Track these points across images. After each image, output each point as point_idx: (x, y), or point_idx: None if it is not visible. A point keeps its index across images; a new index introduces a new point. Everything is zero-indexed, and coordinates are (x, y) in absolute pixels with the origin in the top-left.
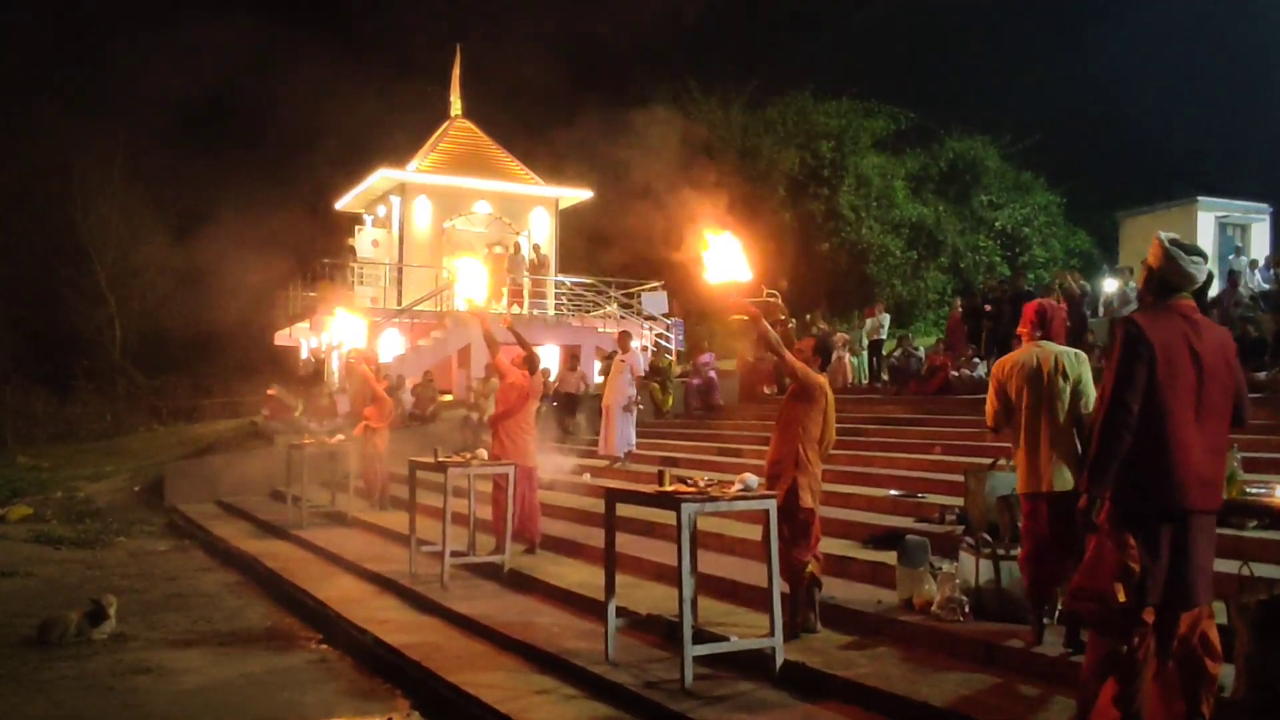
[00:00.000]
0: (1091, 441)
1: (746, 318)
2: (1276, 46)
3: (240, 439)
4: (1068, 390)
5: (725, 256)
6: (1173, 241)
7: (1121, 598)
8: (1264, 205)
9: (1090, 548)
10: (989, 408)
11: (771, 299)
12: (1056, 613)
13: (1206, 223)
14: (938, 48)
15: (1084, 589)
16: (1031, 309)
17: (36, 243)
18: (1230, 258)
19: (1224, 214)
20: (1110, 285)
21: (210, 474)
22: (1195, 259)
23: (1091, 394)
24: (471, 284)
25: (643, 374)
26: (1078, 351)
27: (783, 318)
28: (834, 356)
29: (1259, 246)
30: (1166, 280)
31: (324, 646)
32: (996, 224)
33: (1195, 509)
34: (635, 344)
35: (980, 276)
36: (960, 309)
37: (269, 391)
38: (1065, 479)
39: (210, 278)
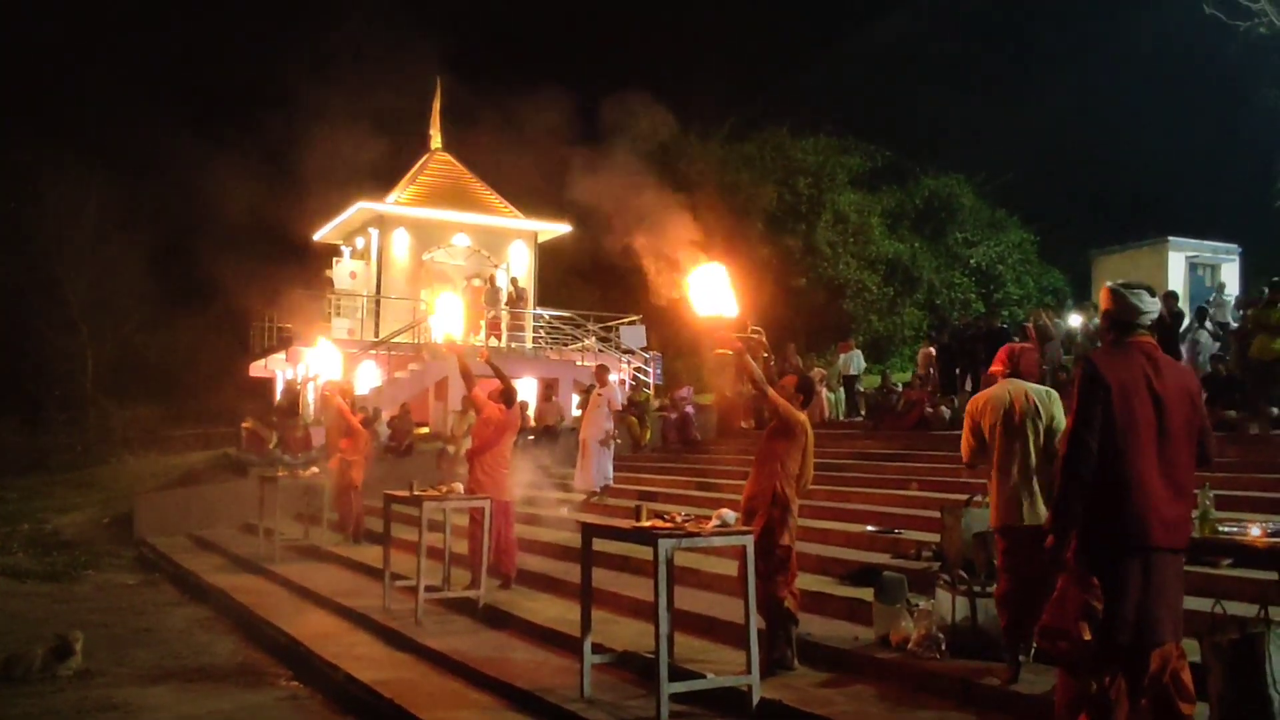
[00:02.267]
0: (1055, 480)
1: (731, 353)
2: (1248, 89)
3: (213, 471)
4: (1041, 427)
5: (712, 291)
6: (1119, 284)
7: (1087, 636)
8: (1234, 246)
9: (1059, 586)
10: (964, 444)
11: (755, 335)
12: (1032, 650)
13: (1177, 263)
14: (913, 87)
15: (1050, 627)
16: (1004, 350)
17: (8, 272)
18: (1213, 296)
19: (1194, 254)
20: (1075, 320)
21: (182, 506)
22: (1138, 292)
23: (1062, 430)
24: (448, 319)
25: (620, 408)
26: (1049, 389)
27: (765, 355)
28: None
29: (1229, 288)
30: (1119, 319)
31: (295, 683)
32: (971, 261)
33: (1158, 547)
34: (613, 378)
35: (955, 313)
36: (933, 348)
37: (244, 424)
38: (1038, 513)
39: (184, 308)
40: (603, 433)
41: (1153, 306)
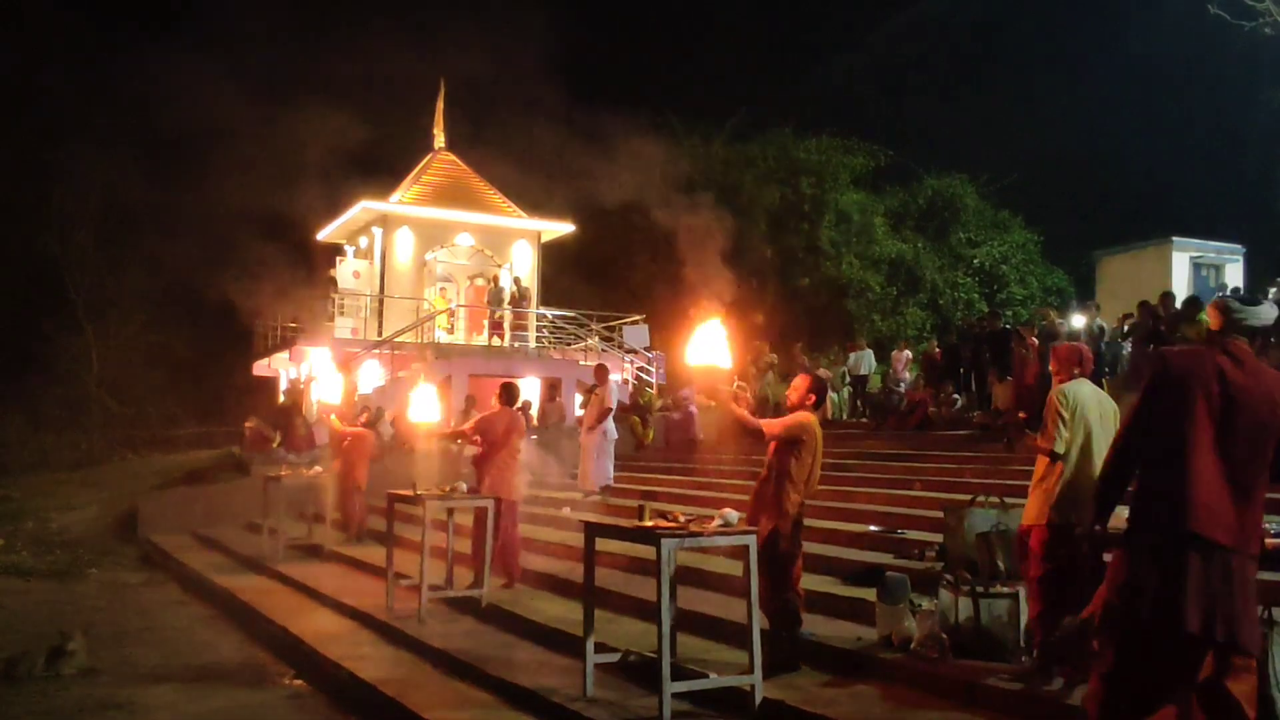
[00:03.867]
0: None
1: (718, 403)
2: (1252, 89)
3: (216, 470)
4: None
5: (711, 343)
6: (1223, 295)
7: (1120, 626)
8: (1237, 246)
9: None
10: (1055, 433)
11: (740, 390)
12: (1035, 649)
13: (1181, 263)
14: (916, 87)
15: (1088, 617)
16: (1073, 350)
17: (12, 270)
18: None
19: (1198, 254)
20: (1078, 320)
21: (185, 505)
22: (1231, 300)
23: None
24: (424, 408)
25: (611, 406)
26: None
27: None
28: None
29: (1232, 289)
30: (1220, 327)
31: (298, 682)
32: (974, 261)
33: (1201, 536)
34: (615, 377)
35: (959, 313)
36: (938, 349)
37: (247, 423)
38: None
39: (188, 307)
40: (600, 433)
41: (1247, 314)
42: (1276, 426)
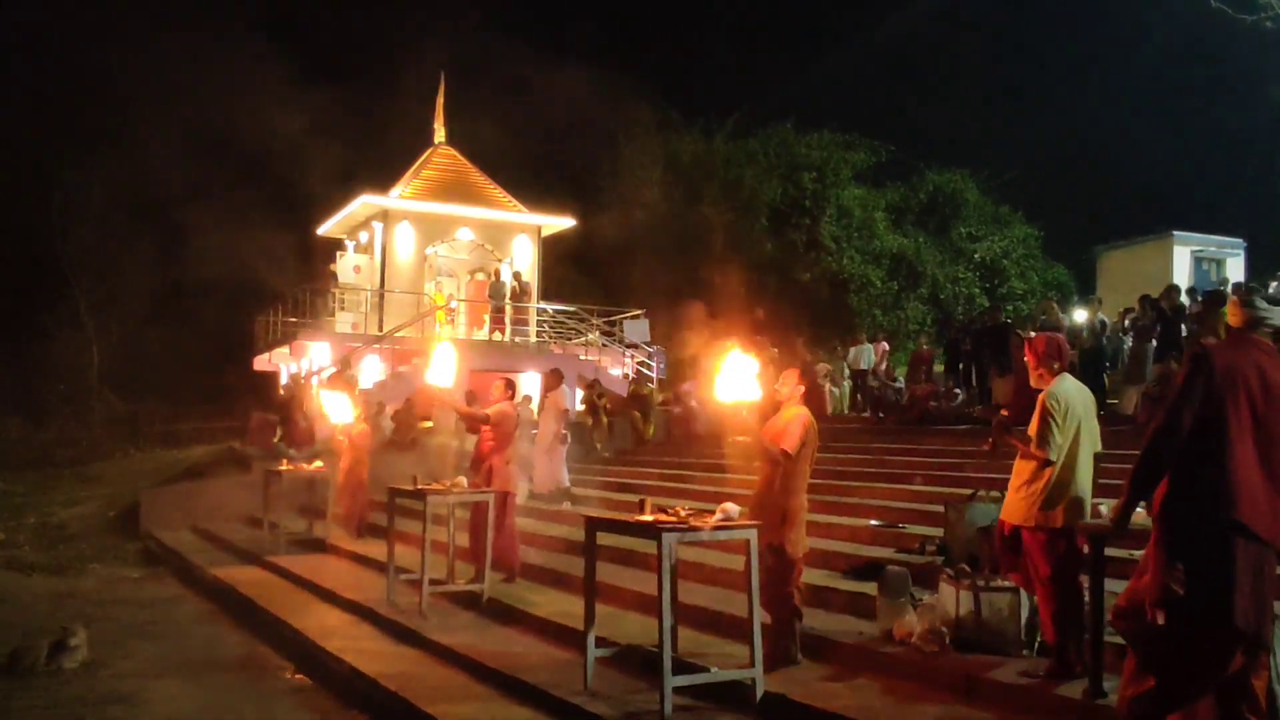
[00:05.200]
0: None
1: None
2: (1253, 83)
3: (217, 465)
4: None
5: (739, 376)
6: (1246, 289)
7: (1160, 621)
8: (1238, 240)
9: (1140, 568)
10: (1048, 437)
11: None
12: (1036, 643)
13: (1182, 257)
14: (917, 84)
15: (1125, 609)
16: (1058, 343)
17: (13, 266)
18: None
19: (1199, 248)
20: (1080, 315)
21: (186, 500)
22: (1257, 299)
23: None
24: (442, 370)
25: (567, 409)
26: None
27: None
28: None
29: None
30: (1244, 323)
31: (300, 676)
32: (975, 256)
33: (1247, 530)
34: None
35: (960, 308)
36: (924, 346)
37: (251, 416)
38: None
39: (189, 302)
40: (553, 436)
41: (1270, 313)
42: None
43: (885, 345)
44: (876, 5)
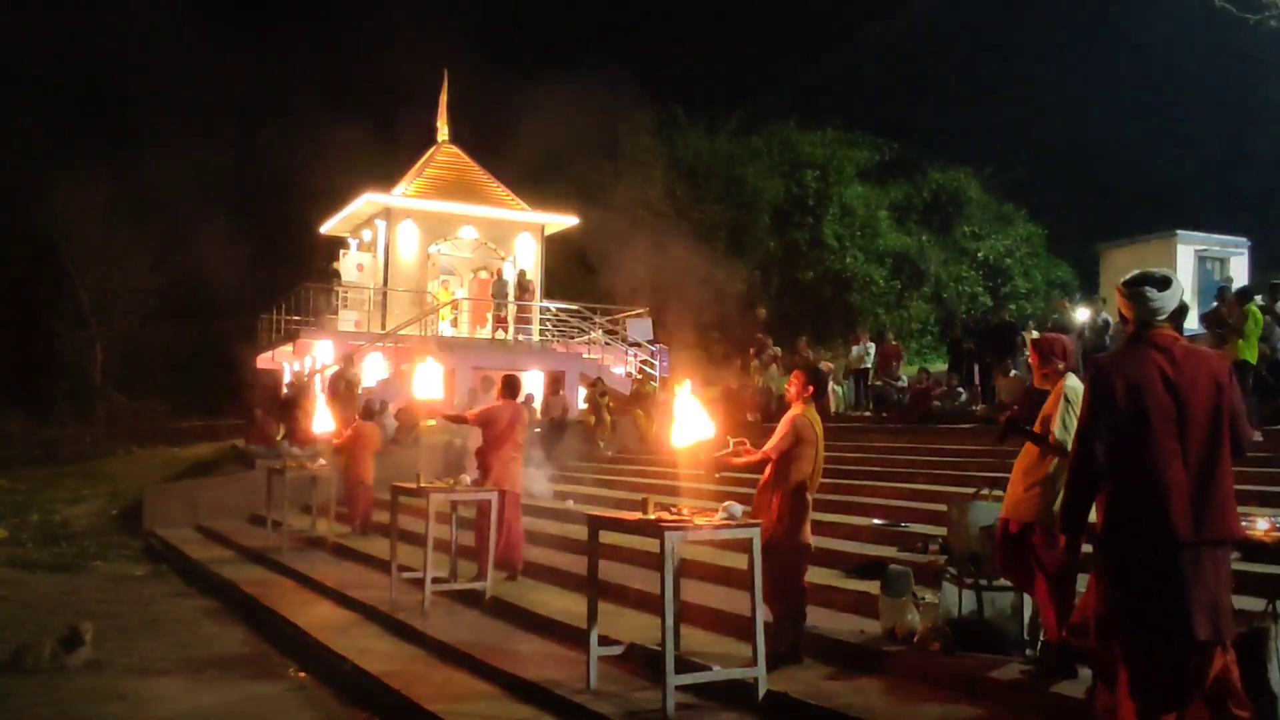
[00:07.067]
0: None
1: (726, 469)
2: (1258, 82)
3: (221, 463)
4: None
5: (690, 418)
6: (1125, 282)
7: (1116, 647)
8: (1242, 239)
9: (1090, 585)
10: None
11: (740, 445)
12: (1039, 643)
13: (1186, 256)
14: (920, 81)
15: (1079, 625)
16: (1062, 344)
17: (17, 265)
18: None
19: (1203, 247)
20: (1083, 314)
21: (189, 498)
22: (1143, 290)
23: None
24: (428, 385)
25: (537, 417)
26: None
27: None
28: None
29: (1237, 281)
30: (1134, 318)
31: (302, 674)
32: (979, 254)
33: (1184, 540)
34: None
35: (963, 306)
36: (892, 342)
37: (255, 410)
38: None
39: (193, 300)
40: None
41: (1164, 300)
42: (1227, 406)
43: (867, 340)
44: (880, 1)
